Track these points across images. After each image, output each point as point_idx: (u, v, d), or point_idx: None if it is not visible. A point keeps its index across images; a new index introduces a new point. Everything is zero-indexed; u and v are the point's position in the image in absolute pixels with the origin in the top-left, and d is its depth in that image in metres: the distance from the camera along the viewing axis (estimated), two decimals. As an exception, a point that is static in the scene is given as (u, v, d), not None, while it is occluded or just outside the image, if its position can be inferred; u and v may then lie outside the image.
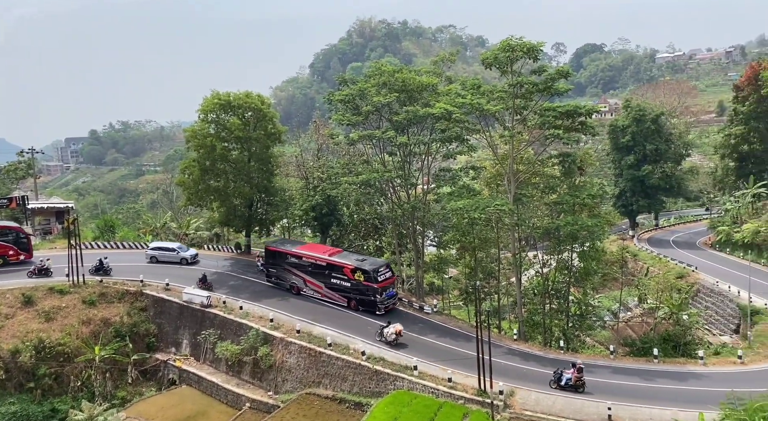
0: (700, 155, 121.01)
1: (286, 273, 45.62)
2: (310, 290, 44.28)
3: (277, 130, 54.68)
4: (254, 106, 52.52)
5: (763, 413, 10.00)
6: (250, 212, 55.76)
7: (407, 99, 47.10)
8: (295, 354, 37.50)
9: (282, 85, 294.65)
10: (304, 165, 57.40)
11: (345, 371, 35.16)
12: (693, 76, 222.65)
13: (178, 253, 52.03)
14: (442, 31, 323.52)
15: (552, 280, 46.99)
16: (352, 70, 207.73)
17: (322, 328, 38.94)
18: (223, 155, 51.93)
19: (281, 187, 57.10)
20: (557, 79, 43.02)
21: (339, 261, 43.07)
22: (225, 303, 43.03)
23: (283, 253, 46.03)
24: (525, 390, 30.93)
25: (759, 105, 77.83)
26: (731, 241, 69.20)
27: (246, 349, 39.14)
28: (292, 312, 41.52)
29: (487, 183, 52.04)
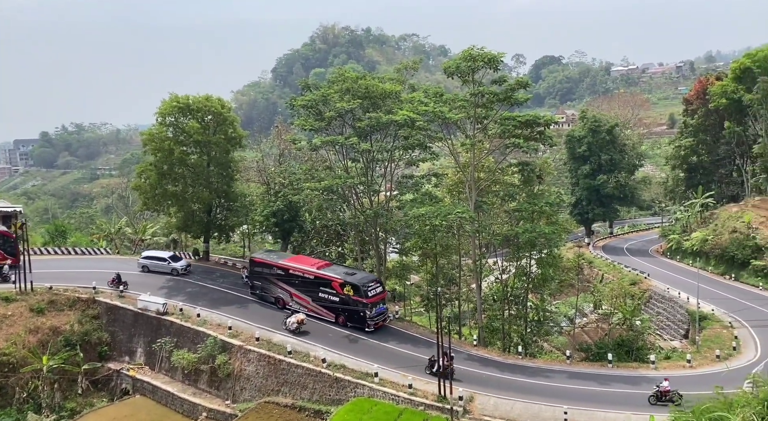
0: (652, 166, 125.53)
1: (272, 286, 43.88)
2: (296, 305, 42.44)
3: (238, 134, 53.96)
4: (214, 109, 51.73)
5: (709, 414, 10.39)
6: (209, 217, 54.76)
7: (370, 106, 47.23)
8: (254, 362, 36.87)
9: (243, 90, 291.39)
10: (266, 170, 56.78)
11: (305, 378, 34.77)
12: (646, 89, 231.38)
13: (169, 263, 50.08)
14: (405, 39, 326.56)
15: (511, 286, 47.74)
16: (315, 75, 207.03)
17: (282, 336, 38.42)
18: (182, 159, 50.90)
19: (241, 193, 56.30)
20: (517, 89, 43.96)
21: (327, 274, 41.56)
22: (182, 310, 42.01)
23: (269, 264, 44.19)
24: (484, 395, 31.23)
25: (707, 118, 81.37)
26: (681, 249, 71.84)
27: (203, 357, 38.27)
28: (252, 320, 40.85)
29: (449, 190, 52.57)
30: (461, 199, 48.59)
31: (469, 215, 41.59)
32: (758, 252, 59.60)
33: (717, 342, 42.52)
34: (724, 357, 38.86)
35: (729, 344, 41.78)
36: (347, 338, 39.12)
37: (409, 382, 31.96)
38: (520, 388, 32.48)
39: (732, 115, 76.49)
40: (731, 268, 62.25)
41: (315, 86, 51.26)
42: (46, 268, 48.75)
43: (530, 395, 31.26)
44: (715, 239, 65.68)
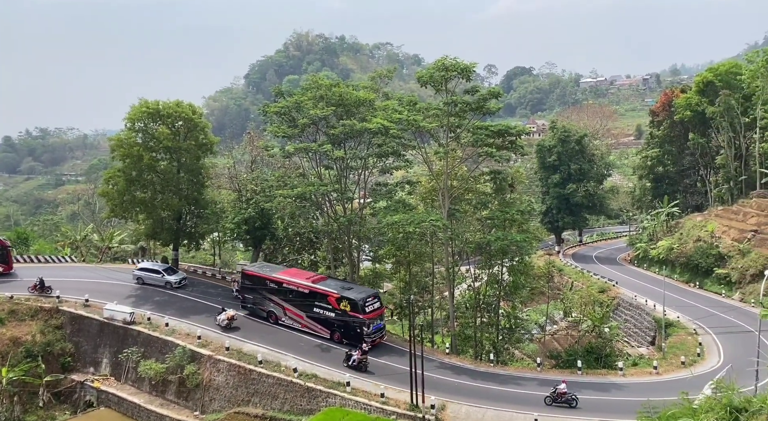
0: (620, 175, 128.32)
1: (264, 300, 42.14)
2: (289, 320, 41.00)
3: (209, 140, 53.31)
4: (185, 115, 51.02)
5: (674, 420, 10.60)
6: (179, 224, 53.83)
7: (344, 113, 47.20)
8: (224, 372, 36.24)
9: (215, 95, 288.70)
10: (237, 177, 56.12)
11: (276, 388, 34.31)
12: (614, 100, 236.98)
13: (163, 276, 48.15)
14: (379, 48, 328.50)
15: (483, 294, 48.06)
16: (288, 82, 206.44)
17: (252, 345, 37.87)
18: (151, 165, 50.00)
19: (212, 200, 55.54)
20: (489, 99, 44.56)
21: (323, 289, 39.82)
22: (149, 320, 41.09)
23: (261, 277, 42.43)
24: (456, 403, 31.27)
25: (672, 130, 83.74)
26: (648, 257, 73.45)
27: (171, 367, 37.46)
28: (222, 329, 40.17)
29: (423, 198, 52.80)
30: (434, 207, 48.84)
31: (443, 223, 41.82)
32: (721, 260, 61.30)
33: (682, 349, 43.47)
34: (689, 363, 39.72)
35: (693, 351, 42.76)
36: (319, 347, 38.79)
37: (381, 391, 31.81)
38: (492, 396, 32.62)
39: (696, 126, 78.88)
40: (696, 276, 63.86)
41: (288, 93, 51.01)
42: (7, 276, 47.21)
43: (502, 403, 31.41)
44: (681, 247, 67.36)
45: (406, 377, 30.89)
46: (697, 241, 65.28)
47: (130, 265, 57.80)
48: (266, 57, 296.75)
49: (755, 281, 54.47)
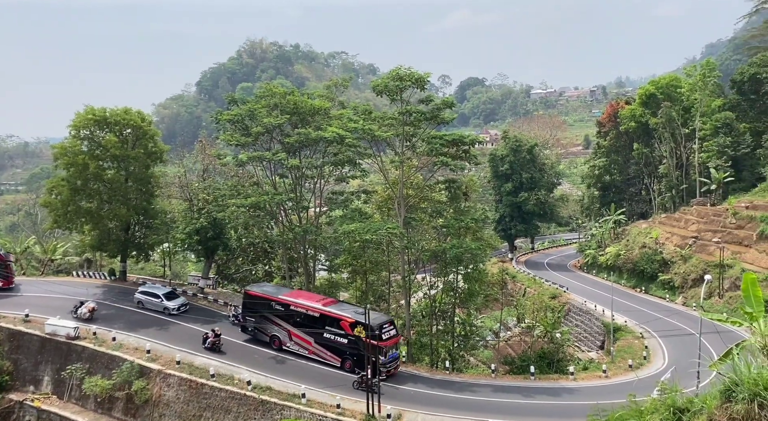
0: (569, 184, 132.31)
1: (267, 323, 39.38)
2: (295, 345, 38.22)
3: (159, 149, 52.01)
4: (133, 123, 49.61)
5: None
6: (127, 235, 52.13)
7: (299, 122, 46.92)
8: (175, 387, 35.10)
9: (166, 103, 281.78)
10: (188, 186, 54.81)
11: (229, 402, 33.45)
12: (563, 111, 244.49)
13: (162, 301, 44.41)
14: (334, 56, 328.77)
15: (439, 301, 48.43)
16: (242, 90, 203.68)
17: (204, 358, 36.87)
18: (97, 174, 48.33)
19: (162, 210, 54.07)
20: (443, 108, 45.22)
21: (336, 312, 37.17)
22: (95, 334, 39.44)
23: (265, 299, 39.71)
24: (412, 412, 31.28)
25: (618, 140, 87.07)
26: (597, 263, 75.82)
27: (119, 383, 36.01)
28: (173, 342, 38.95)
29: (379, 207, 52.94)
30: (390, 215, 49.04)
31: (399, 231, 41.99)
32: (664, 266, 63.88)
33: (629, 352, 44.94)
34: (636, 366, 41.09)
35: (640, 354, 44.26)
36: (274, 359, 38.12)
37: (337, 402, 31.50)
38: (448, 403, 32.79)
39: (640, 137, 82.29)
40: (641, 281, 66.29)
41: (242, 101, 50.33)
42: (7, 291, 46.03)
43: (457, 410, 31.62)
44: (627, 254, 69.86)
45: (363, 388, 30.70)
46: (643, 247, 67.84)
47: (74, 277, 55.45)
48: (219, 64, 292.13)
49: (696, 285, 56.98)
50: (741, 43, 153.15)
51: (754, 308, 15.99)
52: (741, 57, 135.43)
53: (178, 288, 51.41)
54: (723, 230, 59.73)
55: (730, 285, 52.85)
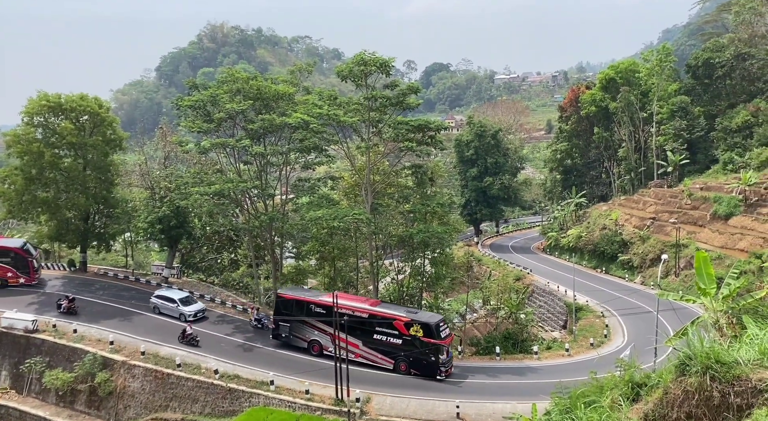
0: (532, 168, 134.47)
1: (306, 328, 37.18)
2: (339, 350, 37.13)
3: (118, 136, 50.61)
4: (90, 109, 48.05)
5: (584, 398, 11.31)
6: (86, 225, 50.73)
7: (263, 107, 46.20)
8: (140, 378, 34.60)
9: (124, 89, 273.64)
10: (150, 174, 53.53)
11: (196, 391, 33.20)
12: (526, 96, 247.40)
13: (178, 306, 41.86)
14: (298, 41, 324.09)
15: (407, 286, 48.88)
16: (203, 75, 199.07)
17: (170, 348, 36.40)
18: (53, 163, 46.77)
19: (123, 198, 52.76)
20: (408, 94, 45.18)
21: (388, 312, 35.65)
22: (55, 327, 38.45)
23: (303, 302, 37.60)
24: (381, 395, 31.64)
25: (579, 124, 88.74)
26: (559, 245, 77.55)
27: (81, 376, 35.28)
28: (137, 333, 38.32)
29: (346, 193, 52.81)
30: (358, 201, 49.01)
31: (366, 217, 42.03)
32: (624, 247, 65.80)
33: (591, 331, 46.33)
34: (597, 345, 42.42)
35: (601, 333, 45.69)
36: (241, 347, 37.93)
37: (306, 388, 31.61)
38: (416, 386, 33.28)
39: (600, 121, 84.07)
40: (602, 262, 68.17)
41: (203, 86, 49.23)
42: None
43: (425, 392, 32.13)
44: (588, 235, 71.64)
45: (332, 372, 30.89)
46: (603, 229, 69.67)
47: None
48: (179, 49, 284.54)
49: (654, 265, 58.93)
50: (695, 28, 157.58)
51: (706, 285, 16.68)
52: (695, 42, 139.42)
53: (180, 287, 48.87)
54: (679, 210, 61.79)
55: (686, 264, 54.83)
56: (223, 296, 48.25)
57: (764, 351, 7.58)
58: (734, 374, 7.49)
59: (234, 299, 47.64)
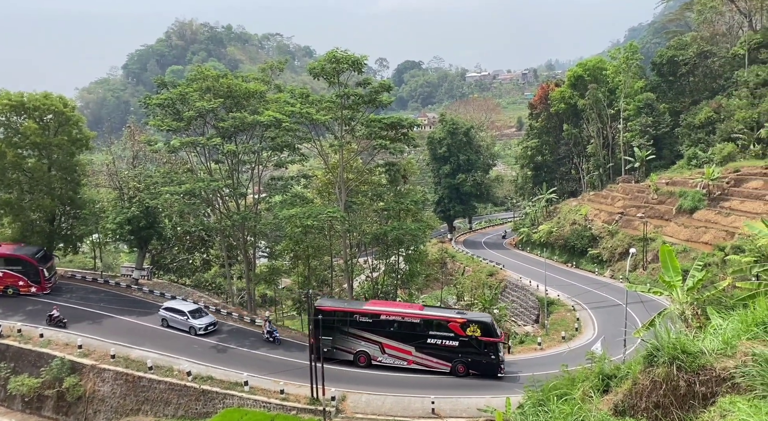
0: (504, 165, 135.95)
1: (351, 339, 35.58)
2: (390, 358, 34.95)
3: (84, 135, 49.37)
4: (55, 108, 46.77)
5: (556, 391, 11.50)
6: (52, 227, 49.44)
7: (234, 105, 45.64)
8: (110, 382, 33.89)
9: (90, 87, 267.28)
10: (118, 174, 52.40)
11: (168, 394, 32.67)
12: (497, 94, 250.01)
13: (188, 319, 39.41)
14: (268, 38, 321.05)
15: (381, 283, 48.97)
16: (172, 73, 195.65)
17: (141, 350, 35.72)
18: (16, 163, 45.48)
19: (90, 199, 51.54)
20: (381, 92, 45.21)
21: (442, 315, 35.41)
22: (20, 331, 37.34)
23: (345, 312, 36.07)
24: (356, 393, 31.64)
25: (549, 121, 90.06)
26: (531, 240, 78.64)
27: (48, 381, 34.35)
28: (107, 336, 37.46)
29: (319, 191, 52.64)
30: (331, 199, 48.90)
31: (340, 215, 41.94)
32: (593, 241, 67.08)
33: (562, 325, 47.14)
34: (568, 338, 43.19)
35: (572, 326, 46.52)
36: (215, 348, 37.48)
37: (281, 388, 31.42)
38: (392, 383, 33.36)
39: (569, 118, 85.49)
40: (572, 256, 69.37)
41: (172, 84, 48.34)
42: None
43: (401, 389, 32.24)
44: (559, 230, 72.80)
45: (307, 371, 30.76)
46: (573, 224, 70.88)
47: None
48: (146, 46, 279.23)
49: (622, 258, 60.21)
50: (660, 26, 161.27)
51: (672, 277, 17.13)
52: (660, 40, 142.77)
53: (172, 294, 47.17)
54: (646, 205, 63.23)
55: (653, 257, 56.19)
56: (196, 297, 47.59)
57: (727, 341, 7.82)
58: (699, 364, 7.71)
59: (207, 300, 47.03)
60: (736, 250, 41.99)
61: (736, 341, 7.70)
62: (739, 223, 47.64)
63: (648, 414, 8.28)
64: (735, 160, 59.34)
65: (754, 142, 59.89)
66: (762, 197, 50.62)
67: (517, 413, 13.34)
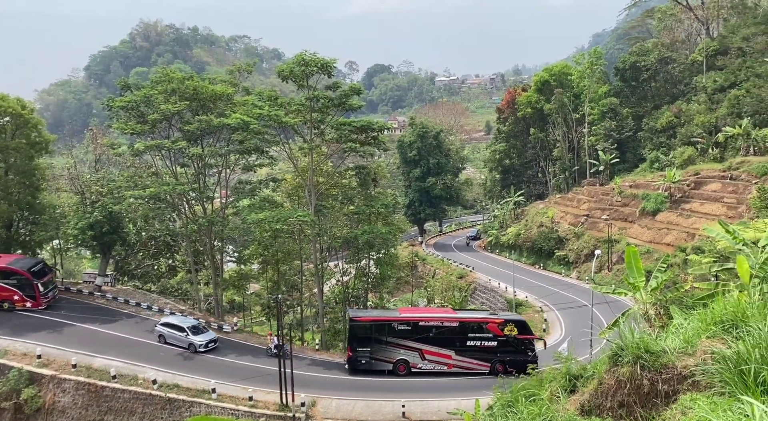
0: (473, 169, 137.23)
1: (390, 349, 35.19)
2: (430, 364, 35.07)
3: (44, 138, 48.00)
4: (12, 110, 45.28)
5: (524, 392, 11.63)
6: (9, 233, 47.77)
7: (200, 108, 44.91)
8: (71, 392, 32.83)
9: (50, 89, 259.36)
10: (80, 178, 50.93)
11: (133, 403, 31.83)
12: (465, 98, 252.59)
13: (187, 335, 37.35)
14: (236, 40, 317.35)
15: (352, 287, 48.78)
16: (137, 75, 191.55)
17: (104, 359, 34.71)
18: (-29, 167, 43.77)
19: (50, 204, 49.97)
20: (351, 95, 45.12)
21: (480, 317, 36.32)
22: (-25, 343, 35.91)
23: (383, 322, 35.92)
24: (326, 398, 31.39)
25: (516, 125, 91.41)
26: (499, 243, 79.52)
27: (4, 393, 33.05)
28: (68, 345, 36.26)
29: (289, 195, 52.19)
30: (301, 203, 48.52)
31: (310, 219, 41.63)
32: (560, 243, 68.21)
33: (530, 326, 47.62)
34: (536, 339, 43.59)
35: (540, 327, 47.13)
36: (181, 355, 36.69)
37: (249, 394, 30.94)
38: (362, 387, 33.23)
39: (536, 122, 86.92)
40: (540, 258, 70.40)
41: (136, 86, 47.35)
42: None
43: (371, 393, 32.12)
44: (526, 233, 73.82)
45: (276, 377, 30.38)
46: (540, 226, 71.97)
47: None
48: (109, 47, 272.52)
49: (588, 260, 61.37)
50: (623, 33, 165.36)
51: (636, 278, 17.48)
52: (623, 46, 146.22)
53: (136, 301, 45.62)
54: (610, 207, 64.64)
55: (618, 259, 57.45)
56: (161, 303, 46.56)
57: (688, 340, 7.98)
58: (662, 363, 7.85)
59: (173, 306, 46.05)
60: (697, 251, 43.25)
61: (696, 339, 7.87)
62: (699, 224, 49.10)
63: (613, 413, 8.39)
64: (695, 163, 61.17)
65: (712, 145, 61.83)
66: (720, 199, 52.32)
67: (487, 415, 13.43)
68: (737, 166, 53.70)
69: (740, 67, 64.84)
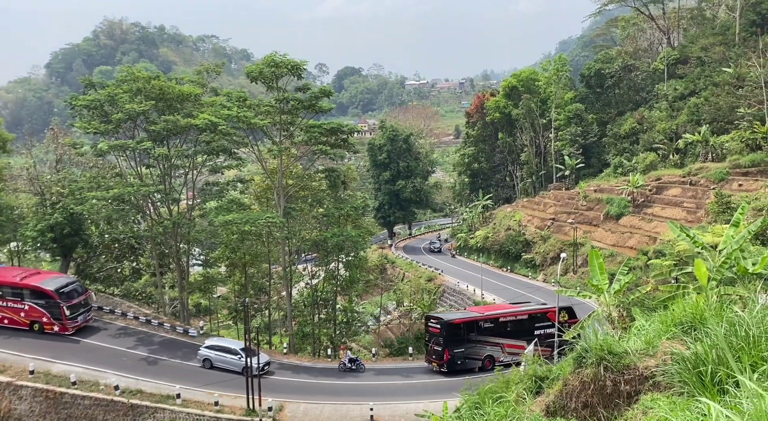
0: (442, 172, 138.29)
1: (479, 347, 37.04)
2: (508, 356, 36.39)
3: (2, 137, 46.26)
4: (-32, 106, 43.60)
5: (492, 394, 11.76)
6: (-36, 235, 45.90)
7: (166, 108, 44.02)
8: (28, 399, 31.71)
9: (9, 86, 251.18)
10: (39, 178, 49.34)
11: (94, 410, 30.93)
12: (435, 102, 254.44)
13: (241, 358, 34.28)
14: (204, 40, 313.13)
15: (321, 290, 48.51)
16: (100, 73, 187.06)
17: (64, 365, 33.68)
18: None
19: (7, 205, 48.18)
20: (321, 97, 44.98)
21: (540, 308, 39.46)
22: (-74, 350, 34.41)
23: (473, 321, 37.62)
24: (294, 403, 31.13)
25: (484, 130, 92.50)
26: (468, 246, 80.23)
27: (-42, 403, 31.77)
28: (24, 351, 35.03)
29: (257, 197, 51.61)
30: (270, 205, 48.04)
31: (279, 221, 41.26)
32: (527, 246, 69.17)
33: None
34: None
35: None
36: (145, 360, 35.87)
37: (215, 399, 30.44)
38: (331, 390, 33.08)
39: (504, 127, 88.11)
40: (507, 261, 71.26)
41: (101, 85, 46.09)
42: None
43: (340, 397, 32.01)
44: (494, 236, 74.64)
45: (243, 382, 29.97)
46: (508, 230, 72.88)
47: None
48: (72, 45, 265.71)
49: (554, 263, 62.36)
50: (588, 40, 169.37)
51: (599, 281, 17.86)
52: (588, 53, 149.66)
53: (98, 304, 43.73)
54: (576, 211, 65.90)
55: (583, 262, 58.55)
56: (124, 307, 45.44)
57: (649, 341, 8.18)
58: (624, 364, 8.02)
59: (136, 310, 45.00)
60: (658, 254, 44.43)
61: (657, 341, 8.07)
62: (660, 228, 50.45)
63: (577, 414, 8.54)
64: (656, 168, 62.85)
65: (673, 152, 63.65)
66: (680, 204, 53.87)
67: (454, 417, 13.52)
68: (696, 172, 55.37)
69: (699, 76, 66.95)
